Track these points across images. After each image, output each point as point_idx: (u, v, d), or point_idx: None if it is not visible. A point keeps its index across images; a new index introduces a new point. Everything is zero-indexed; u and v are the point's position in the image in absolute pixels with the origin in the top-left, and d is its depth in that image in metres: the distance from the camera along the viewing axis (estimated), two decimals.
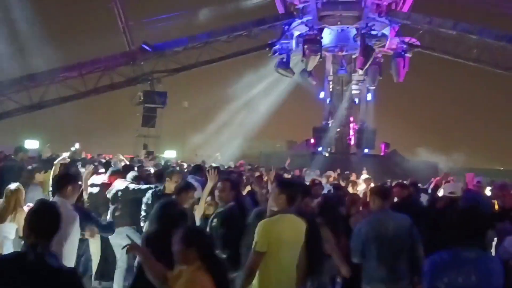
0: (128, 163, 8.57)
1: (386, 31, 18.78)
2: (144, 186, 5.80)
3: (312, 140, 21.03)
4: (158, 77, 18.99)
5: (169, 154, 20.94)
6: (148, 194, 5.45)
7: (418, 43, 18.76)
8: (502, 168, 26.28)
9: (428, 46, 18.67)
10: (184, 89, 26.03)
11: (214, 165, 7.48)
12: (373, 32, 18.36)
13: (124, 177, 6.15)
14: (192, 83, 25.60)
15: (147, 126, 20.58)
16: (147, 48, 17.75)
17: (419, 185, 7.97)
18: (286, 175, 9.76)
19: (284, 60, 19.95)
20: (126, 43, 17.81)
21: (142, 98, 19.09)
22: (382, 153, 21.16)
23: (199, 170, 6.55)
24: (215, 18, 19.69)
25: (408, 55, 19.19)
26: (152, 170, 8.74)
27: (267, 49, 20.24)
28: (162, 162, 12.70)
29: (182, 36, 19.11)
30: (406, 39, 18.92)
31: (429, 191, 7.44)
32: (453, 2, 17.66)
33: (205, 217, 4.91)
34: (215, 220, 4.54)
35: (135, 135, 21.32)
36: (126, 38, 17.39)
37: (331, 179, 10.06)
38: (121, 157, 9.02)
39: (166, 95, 19.10)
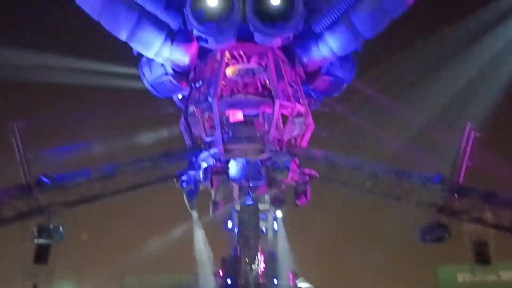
0: None
1: (288, 163, 19.95)
2: None
3: (220, 272, 20.48)
4: (56, 210, 17.81)
5: None
6: None
7: (317, 174, 20.08)
8: None
9: (326, 178, 20.03)
10: (84, 220, 24.59)
11: None
12: (276, 165, 19.41)
13: None
14: (93, 213, 24.35)
15: (40, 263, 18.64)
16: (45, 180, 16.89)
17: None
18: None
19: (192, 190, 20.07)
20: (22, 175, 16.80)
21: (36, 233, 17.53)
22: (291, 283, 21.08)
23: None
24: (121, 150, 19.63)
25: (309, 185, 20.40)
26: None
27: (174, 179, 20.30)
28: None
29: (84, 168, 18.61)
30: (306, 171, 20.21)
31: None
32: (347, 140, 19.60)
33: None
34: None
35: (24, 271, 19.19)
36: (23, 170, 16.46)
37: None
38: None
39: (63, 230, 17.77)
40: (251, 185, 20.53)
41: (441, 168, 18.41)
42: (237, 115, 20.50)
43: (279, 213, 20.39)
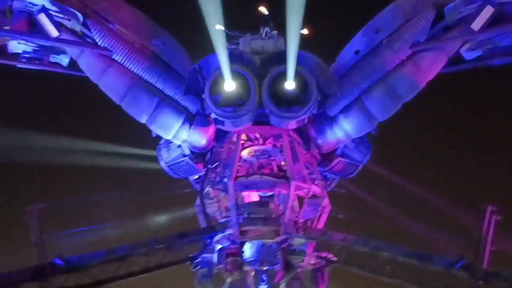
0: None
1: (304, 246, 19.53)
2: None
3: None
4: None
5: None
6: None
7: (335, 258, 19.52)
8: None
9: (345, 262, 19.41)
10: None
11: None
12: (292, 248, 19.00)
13: None
14: None
15: None
16: (59, 262, 16.67)
17: None
18: None
19: (206, 274, 19.59)
20: (36, 257, 16.66)
21: None
22: None
23: None
24: (135, 230, 19.53)
25: (326, 270, 19.76)
26: None
27: (188, 262, 19.90)
28: None
29: (99, 249, 18.42)
30: (324, 255, 19.67)
31: None
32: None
33: None
34: None
35: None
36: (38, 252, 16.35)
37: None
38: None
39: None
40: (266, 268, 19.96)
41: (463, 250, 17.87)
42: (253, 196, 20.50)
43: None
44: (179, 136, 19.41)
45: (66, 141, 23.71)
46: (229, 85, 18.03)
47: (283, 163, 19.87)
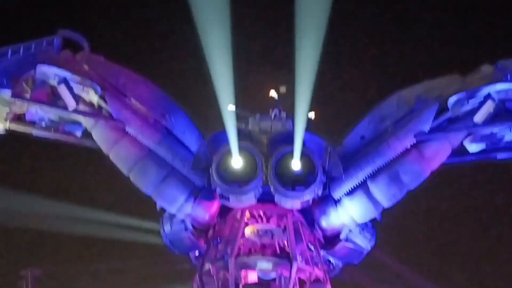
0: None
1: None
2: None
3: None
4: None
5: None
6: None
7: None
8: None
9: None
10: None
11: None
12: None
13: None
14: None
15: None
16: None
17: None
18: None
19: None
20: None
21: None
22: None
23: None
24: None
25: None
26: None
27: None
28: None
29: None
30: None
31: None
32: None
33: None
34: None
35: None
36: None
37: None
38: None
39: None
40: None
41: None
42: (253, 276, 19.94)
43: None
44: (183, 209, 19.37)
45: (67, 209, 23.72)
46: (237, 162, 18.36)
47: (286, 243, 19.54)
